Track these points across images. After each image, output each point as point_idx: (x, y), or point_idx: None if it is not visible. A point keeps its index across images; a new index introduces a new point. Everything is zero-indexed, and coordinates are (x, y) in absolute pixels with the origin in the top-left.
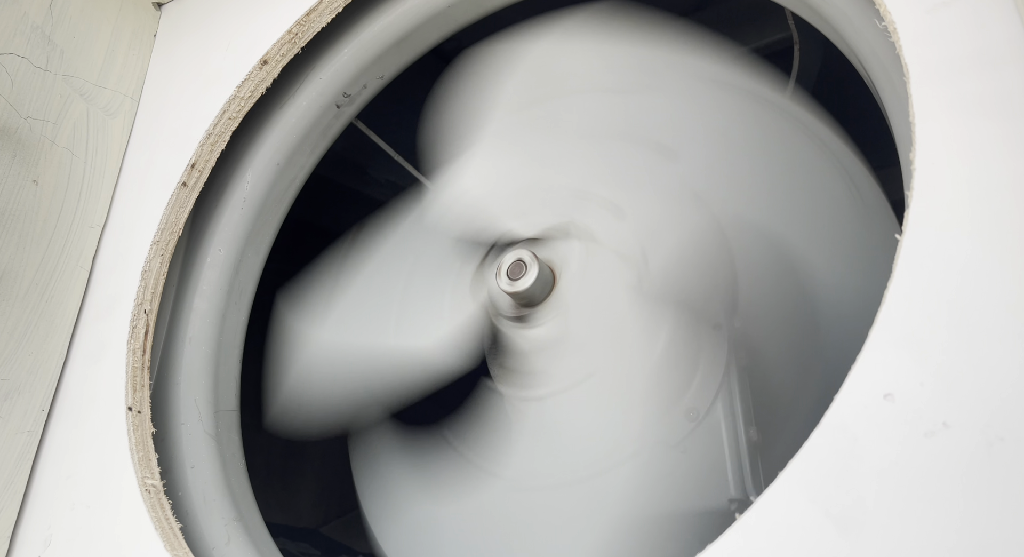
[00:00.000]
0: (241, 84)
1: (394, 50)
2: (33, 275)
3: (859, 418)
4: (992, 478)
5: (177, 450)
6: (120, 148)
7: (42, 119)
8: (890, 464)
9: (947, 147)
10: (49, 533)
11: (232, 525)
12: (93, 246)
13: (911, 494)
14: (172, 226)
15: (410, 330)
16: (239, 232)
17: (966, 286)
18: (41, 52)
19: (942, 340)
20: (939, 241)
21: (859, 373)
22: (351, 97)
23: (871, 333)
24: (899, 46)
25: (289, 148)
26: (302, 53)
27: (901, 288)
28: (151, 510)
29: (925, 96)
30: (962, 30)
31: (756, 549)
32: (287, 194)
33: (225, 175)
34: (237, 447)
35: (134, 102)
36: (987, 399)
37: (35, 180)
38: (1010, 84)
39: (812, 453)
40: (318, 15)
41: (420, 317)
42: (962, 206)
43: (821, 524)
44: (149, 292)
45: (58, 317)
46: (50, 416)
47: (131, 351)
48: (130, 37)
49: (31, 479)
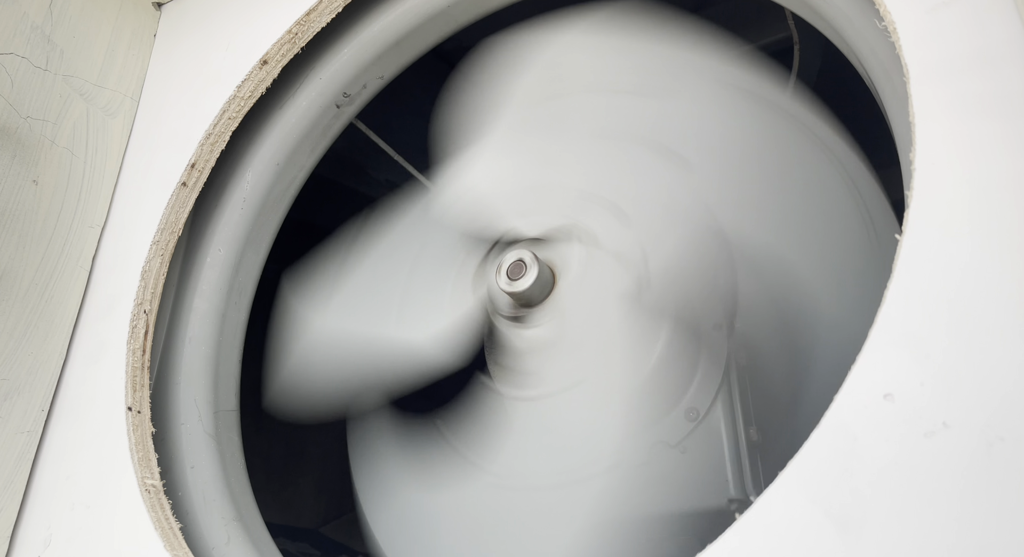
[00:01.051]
0: (241, 84)
1: (394, 50)
2: (33, 275)
3: (859, 418)
4: (992, 478)
5: (177, 450)
6: (120, 148)
7: (42, 119)
8: (890, 464)
9: (947, 147)
10: (49, 533)
11: (232, 525)
12: (93, 246)
13: (911, 494)
14: (172, 226)
15: (411, 319)
16: (239, 232)
17: (966, 286)
18: (41, 52)
19: (942, 340)
20: (939, 241)
21: (859, 373)
22: (351, 97)
23: (871, 333)
24: (899, 46)
25: (289, 148)
26: (302, 53)
27: (901, 288)
28: (151, 510)
29: (925, 96)
30: (962, 30)
31: (756, 549)
32: (287, 194)
33: (225, 175)
34: (237, 447)
35: (134, 102)
36: (987, 399)
37: (35, 180)
38: (1010, 84)
39: (812, 453)
40: (318, 15)
41: (421, 307)
42: (962, 206)
43: (821, 524)
44: (149, 292)
45: (58, 317)
46: (50, 416)
47: (131, 351)
48: (130, 37)
49: (31, 479)
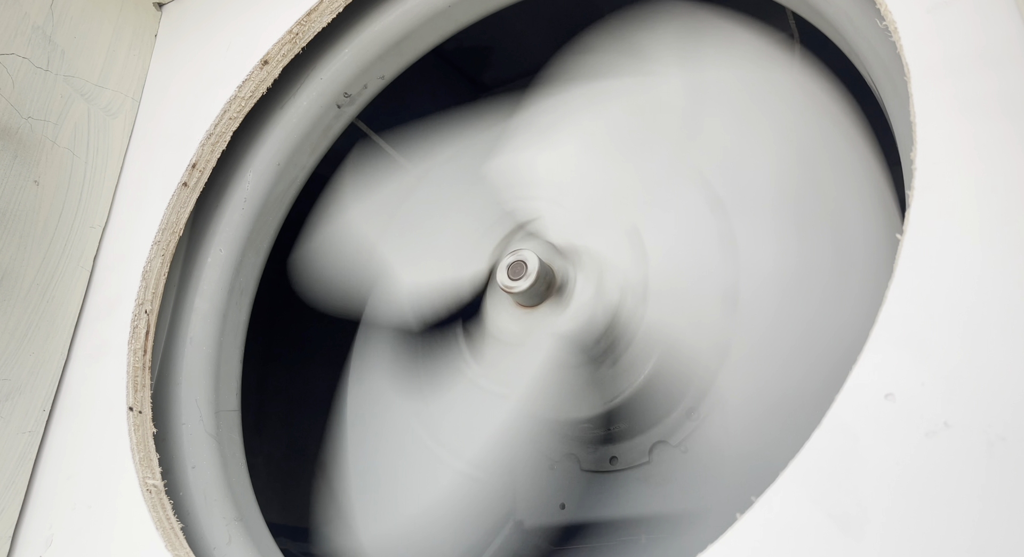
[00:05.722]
0: (242, 84)
1: (395, 50)
2: (34, 275)
3: (860, 418)
4: (993, 478)
5: (178, 450)
6: (121, 148)
7: (43, 119)
8: (891, 464)
9: (948, 147)
10: (50, 533)
11: (233, 525)
12: (94, 246)
13: (912, 494)
14: (173, 226)
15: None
16: (240, 232)
17: (967, 285)
18: (42, 52)
19: (943, 340)
20: (940, 241)
21: (860, 373)
22: (352, 97)
23: (872, 333)
24: (900, 45)
25: (290, 148)
26: (303, 53)
27: (902, 288)
28: (152, 510)
29: (926, 96)
30: (963, 29)
31: (756, 549)
32: (288, 194)
33: (226, 175)
34: (238, 447)
35: (135, 102)
36: (988, 399)
37: (36, 180)
38: (1011, 83)
39: (812, 453)
40: (319, 15)
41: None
42: (963, 205)
43: (822, 524)
44: (150, 292)
45: (59, 317)
46: (51, 416)
47: (132, 351)
48: (131, 37)
49: (32, 479)
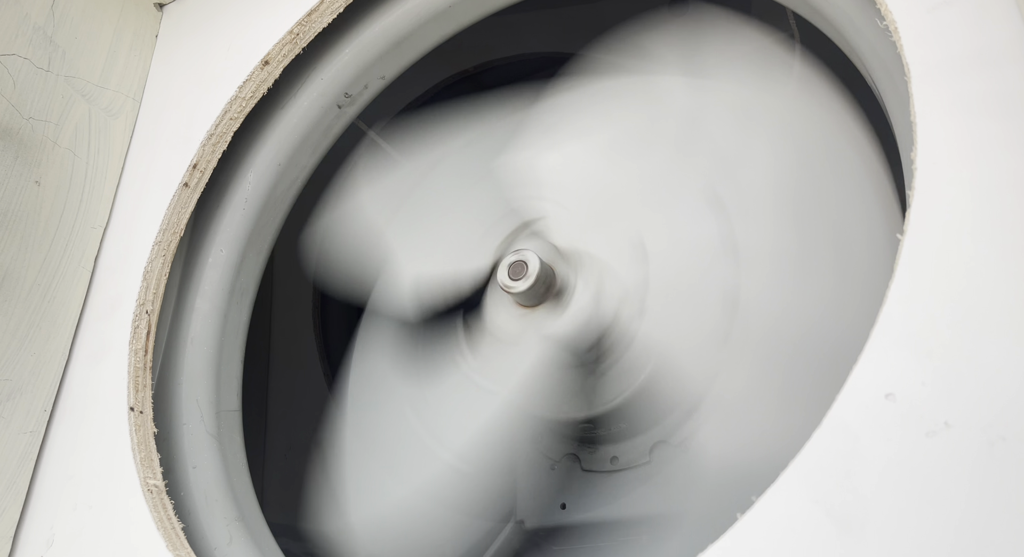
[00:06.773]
0: (242, 84)
1: (395, 50)
2: (35, 276)
3: (860, 418)
4: (993, 478)
5: (179, 450)
6: (122, 149)
7: (44, 120)
8: (891, 464)
9: (948, 146)
10: (51, 533)
11: (234, 525)
12: (95, 247)
13: (912, 494)
14: (174, 227)
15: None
16: (241, 232)
17: (967, 285)
18: (43, 53)
19: (943, 340)
20: (940, 241)
21: (860, 373)
22: (352, 97)
23: (872, 333)
24: (900, 45)
25: (291, 148)
26: (303, 53)
27: (902, 288)
28: (153, 510)
29: (926, 95)
30: (963, 29)
31: (756, 549)
32: (288, 194)
33: (227, 175)
34: (239, 447)
35: (136, 103)
36: (989, 399)
37: (37, 181)
38: (1011, 83)
39: (813, 453)
40: (319, 15)
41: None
42: (963, 205)
43: (822, 524)
44: (151, 293)
45: (60, 318)
46: (52, 416)
47: (133, 351)
48: (132, 38)
49: (33, 479)
